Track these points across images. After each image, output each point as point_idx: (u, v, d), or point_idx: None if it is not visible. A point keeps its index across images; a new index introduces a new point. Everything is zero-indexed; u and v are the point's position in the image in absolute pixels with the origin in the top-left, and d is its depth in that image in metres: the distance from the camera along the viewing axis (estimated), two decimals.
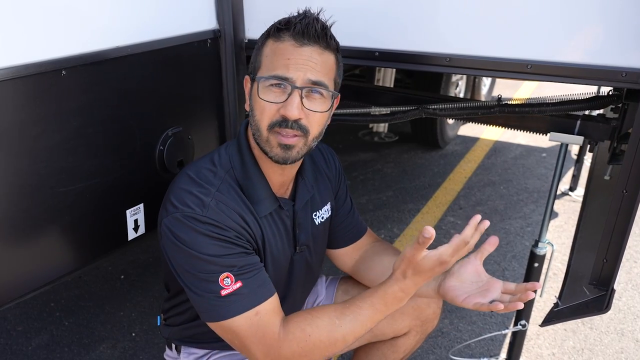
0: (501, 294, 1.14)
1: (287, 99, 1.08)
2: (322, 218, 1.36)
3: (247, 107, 1.18)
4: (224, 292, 1.07)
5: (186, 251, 1.08)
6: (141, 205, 1.37)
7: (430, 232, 0.99)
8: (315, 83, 1.09)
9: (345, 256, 1.47)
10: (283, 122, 1.08)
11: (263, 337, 1.09)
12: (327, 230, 1.41)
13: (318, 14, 1.12)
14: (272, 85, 1.09)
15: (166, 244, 1.12)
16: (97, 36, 1.17)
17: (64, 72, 1.10)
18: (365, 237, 1.48)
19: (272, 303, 1.12)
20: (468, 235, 1.04)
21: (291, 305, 1.41)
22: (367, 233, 1.49)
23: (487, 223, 1.06)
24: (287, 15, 1.13)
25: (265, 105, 1.09)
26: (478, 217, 1.06)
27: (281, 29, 1.10)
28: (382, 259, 1.39)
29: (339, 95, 1.18)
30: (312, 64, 1.08)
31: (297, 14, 1.12)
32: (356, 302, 1.12)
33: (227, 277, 1.08)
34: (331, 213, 1.39)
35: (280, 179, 1.22)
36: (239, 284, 1.08)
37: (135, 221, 1.36)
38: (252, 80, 1.14)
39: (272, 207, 1.20)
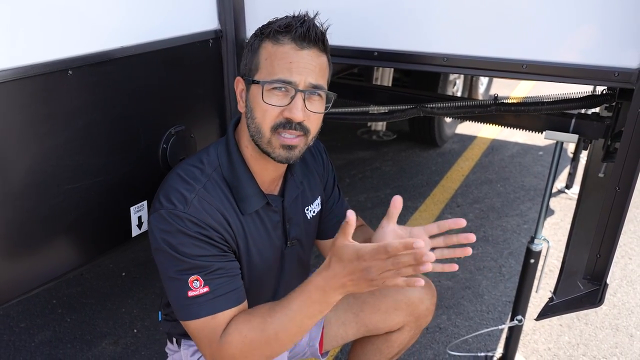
0: (431, 240, 1.12)
1: (291, 102, 1.11)
2: (314, 212, 1.39)
3: (240, 109, 1.20)
4: (190, 294, 1.11)
5: (164, 248, 1.12)
6: (145, 203, 1.39)
7: (350, 217, 0.95)
8: (315, 86, 1.12)
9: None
10: (287, 124, 1.12)
11: (211, 340, 1.12)
12: (317, 224, 1.44)
13: (315, 17, 1.14)
14: (275, 88, 1.11)
15: (150, 239, 1.16)
16: (103, 36, 1.20)
17: (70, 72, 1.12)
18: None
19: (233, 311, 1.14)
20: (395, 246, 0.92)
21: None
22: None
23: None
24: (282, 16, 1.15)
25: (268, 108, 1.11)
26: (421, 242, 0.91)
27: (280, 32, 1.11)
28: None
29: (336, 95, 1.20)
30: (311, 67, 1.12)
31: (293, 16, 1.14)
32: (287, 297, 1.08)
33: (197, 279, 1.11)
34: (321, 207, 1.43)
35: (271, 175, 1.25)
36: (206, 289, 1.11)
37: (139, 218, 1.39)
38: (249, 82, 1.15)
39: (259, 205, 1.22)
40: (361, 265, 0.96)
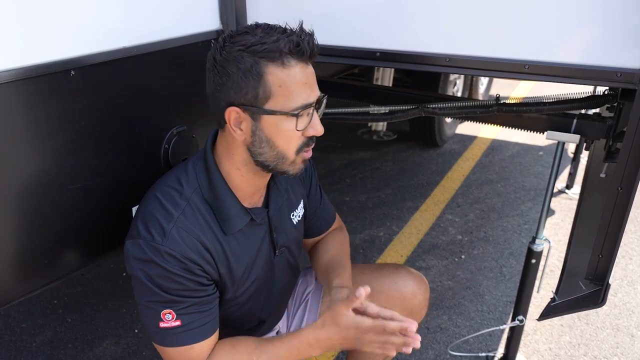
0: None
1: (312, 120, 1.08)
2: (299, 217, 1.38)
3: (239, 137, 1.09)
4: (162, 325, 1.11)
5: (139, 277, 1.10)
6: None
7: (362, 293, 1.05)
8: (320, 96, 1.10)
9: (311, 245, 1.54)
10: (310, 141, 1.11)
11: None
12: (303, 226, 1.44)
13: (301, 26, 1.06)
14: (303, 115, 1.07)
15: (126, 264, 1.14)
16: (105, 37, 1.19)
17: (72, 73, 1.12)
18: (332, 227, 1.53)
19: (209, 342, 1.15)
20: (392, 327, 1.07)
21: (278, 304, 1.44)
22: (334, 224, 1.53)
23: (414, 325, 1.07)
24: (278, 24, 1.07)
25: (292, 133, 1.07)
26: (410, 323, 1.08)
27: (286, 53, 1.02)
28: (320, 255, 1.46)
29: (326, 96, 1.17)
30: (314, 80, 1.09)
31: (286, 30, 1.05)
32: (276, 341, 1.14)
33: (169, 313, 1.10)
34: (305, 210, 1.42)
35: (255, 187, 1.21)
36: (177, 322, 1.11)
37: None
38: (261, 112, 1.05)
39: (243, 224, 1.19)
40: (356, 334, 1.08)
